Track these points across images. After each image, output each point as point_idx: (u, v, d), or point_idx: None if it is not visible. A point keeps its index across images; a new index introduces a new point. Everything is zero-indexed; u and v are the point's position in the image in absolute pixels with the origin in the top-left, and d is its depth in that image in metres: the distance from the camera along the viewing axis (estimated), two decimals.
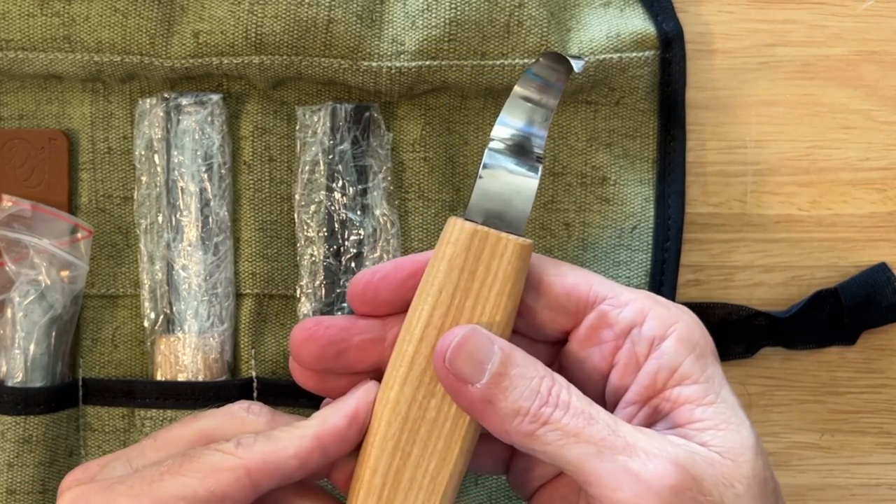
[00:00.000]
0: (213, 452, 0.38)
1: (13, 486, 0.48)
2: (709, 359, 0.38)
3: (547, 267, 0.40)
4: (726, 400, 0.38)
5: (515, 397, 0.36)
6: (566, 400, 0.36)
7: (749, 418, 0.38)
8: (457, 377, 0.37)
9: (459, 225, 0.39)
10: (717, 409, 0.37)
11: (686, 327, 0.39)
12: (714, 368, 0.38)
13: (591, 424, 0.36)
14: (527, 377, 0.37)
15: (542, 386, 0.37)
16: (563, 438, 0.36)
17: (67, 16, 0.48)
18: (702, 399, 0.37)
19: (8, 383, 0.49)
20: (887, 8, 0.53)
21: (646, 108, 0.52)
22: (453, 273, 0.38)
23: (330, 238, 0.50)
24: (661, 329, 0.38)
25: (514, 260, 0.38)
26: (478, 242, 0.38)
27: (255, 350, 0.51)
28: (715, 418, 0.37)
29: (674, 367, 0.38)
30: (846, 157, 0.54)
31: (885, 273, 0.53)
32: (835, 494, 0.55)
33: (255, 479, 0.38)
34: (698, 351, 0.38)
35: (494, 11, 0.49)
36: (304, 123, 0.51)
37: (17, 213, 0.49)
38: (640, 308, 0.39)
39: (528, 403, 0.36)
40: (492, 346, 0.37)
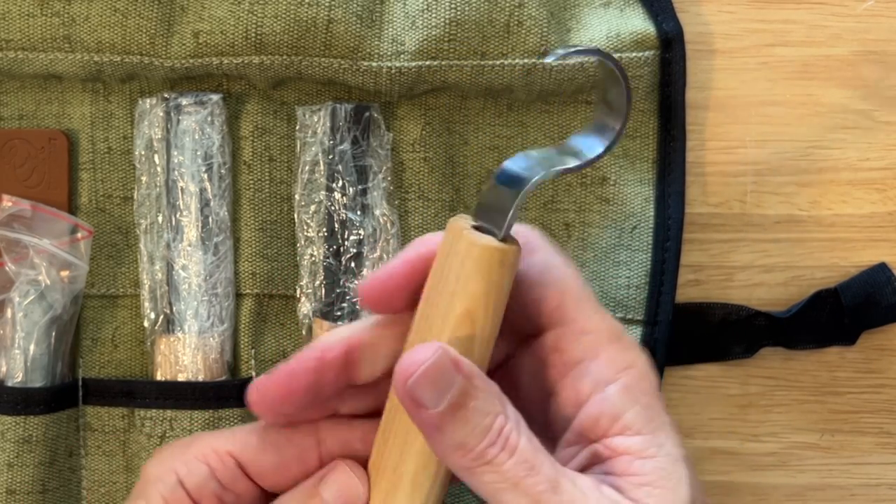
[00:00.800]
0: None
1: (13, 486, 0.48)
2: (656, 409, 0.37)
3: (532, 269, 0.38)
4: (669, 454, 0.36)
5: (466, 432, 0.35)
6: (514, 443, 0.35)
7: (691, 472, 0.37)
8: (413, 400, 0.35)
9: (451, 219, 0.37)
10: (657, 464, 0.36)
11: (638, 374, 0.37)
12: (660, 420, 0.37)
13: (531, 475, 0.35)
14: (482, 412, 0.35)
15: (494, 424, 0.35)
16: (500, 482, 0.35)
17: (67, 16, 0.48)
18: (642, 452, 0.36)
19: (8, 383, 0.49)
20: (887, 8, 0.53)
21: (646, 108, 0.52)
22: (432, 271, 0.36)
23: (330, 238, 0.50)
24: (609, 372, 0.37)
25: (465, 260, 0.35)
26: (449, 237, 0.36)
27: (255, 350, 0.51)
28: (652, 474, 0.36)
29: (617, 415, 0.36)
30: (846, 157, 0.54)
31: (885, 273, 0.53)
32: (835, 494, 0.55)
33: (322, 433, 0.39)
34: (646, 400, 0.36)
35: (494, 11, 0.49)
36: (304, 123, 0.51)
37: (17, 213, 0.49)
38: (596, 344, 0.37)
39: (475, 441, 0.35)
40: (454, 375, 0.35)
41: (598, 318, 0.38)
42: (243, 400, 0.50)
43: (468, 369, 0.35)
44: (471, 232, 0.36)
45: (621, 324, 0.38)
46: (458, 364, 0.35)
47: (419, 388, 0.35)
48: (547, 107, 0.52)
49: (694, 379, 0.54)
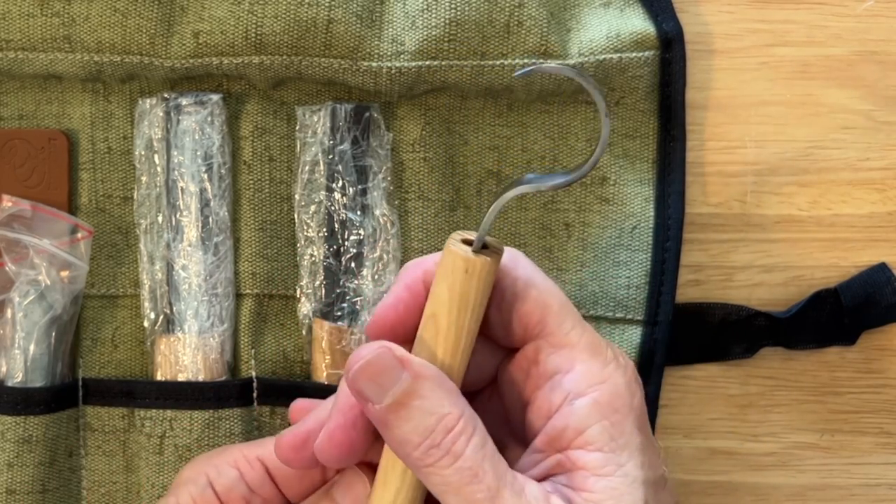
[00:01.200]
0: None
1: (13, 486, 0.48)
2: (626, 427, 0.37)
3: (516, 283, 0.39)
4: (627, 475, 0.36)
5: (408, 430, 0.36)
6: (459, 450, 0.36)
7: (653, 495, 0.37)
8: (358, 394, 0.36)
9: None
10: (610, 483, 0.36)
11: (610, 391, 0.37)
12: (629, 438, 0.37)
13: (472, 483, 0.35)
14: (427, 412, 0.36)
15: (438, 426, 0.36)
16: (443, 485, 0.35)
17: (67, 16, 0.48)
18: (599, 469, 0.36)
19: (8, 383, 0.49)
20: (887, 8, 0.53)
21: (646, 109, 0.52)
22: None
23: (330, 238, 0.50)
24: (581, 385, 0.37)
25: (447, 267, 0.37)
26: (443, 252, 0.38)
27: (255, 350, 0.51)
28: (603, 493, 0.36)
29: (580, 429, 0.37)
30: (846, 157, 0.54)
31: (885, 273, 0.53)
32: (835, 494, 0.55)
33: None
34: (615, 418, 0.37)
35: (494, 11, 0.49)
36: (304, 123, 0.51)
37: (17, 213, 0.49)
38: (572, 357, 0.38)
39: (418, 440, 0.36)
40: (399, 372, 0.36)
41: (578, 332, 0.38)
42: (243, 400, 0.50)
43: (417, 369, 0.36)
44: (451, 242, 0.37)
45: (604, 339, 0.39)
46: (405, 362, 0.36)
47: (358, 381, 0.36)
48: (547, 107, 0.52)
49: (694, 379, 0.54)
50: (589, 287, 0.52)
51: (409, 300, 0.39)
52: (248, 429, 0.50)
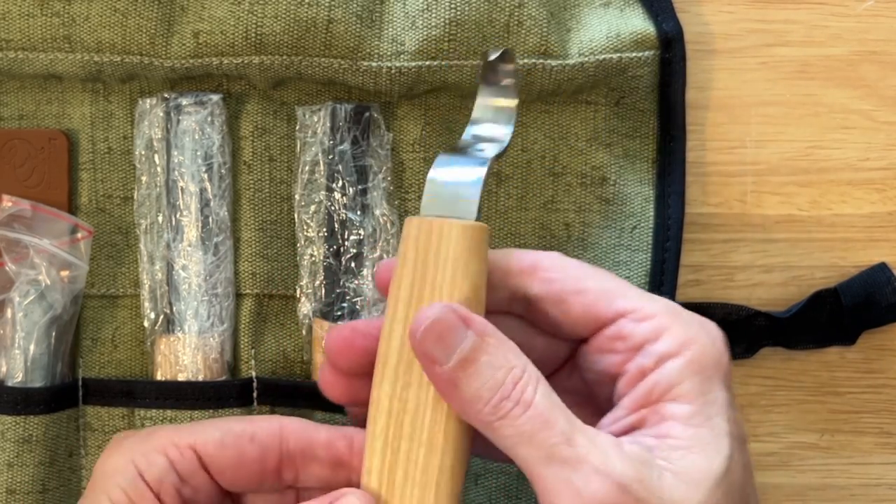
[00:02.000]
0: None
1: (13, 485, 0.48)
2: (714, 384, 0.38)
3: (568, 284, 0.40)
4: (715, 427, 0.37)
5: (478, 385, 0.36)
6: (529, 398, 0.36)
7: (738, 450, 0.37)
8: (425, 356, 0.37)
9: (407, 220, 0.39)
10: (699, 433, 0.37)
11: (700, 350, 0.38)
12: (718, 394, 0.38)
13: (545, 429, 0.36)
14: (494, 367, 0.36)
15: (507, 378, 0.36)
16: (516, 436, 0.36)
17: (67, 16, 0.48)
18: (688, 419, 0.37)
19: (8, 383, 0.49)
20: (887, 8, 0.53)
21: (646, 108, 0.52)
22: (407, 266, 0.38)
23: (330, 238, 0.50)
24: (673, 348, 0.38)
25: (459, 241, 0.38)
26: (424, 234, 0.38)
27: (255, 350, 0.51)
28: (691, 440, 0.37)
29: (672, 384, 0.38)
30: (846, 157, 0.54)
31: (885, 273, 0.53)
32: (835, 494, 0.55)
33: (285, 433, 0.40)
34: (705, 374, 0.38)
35: (494, 11, 0.49)
36: (304, 123, 0.51)
37: (17, 213, 0.49)
38: (658, 325, 0.39)
39: (489, 394, 0.36)
40: (464, 330, 0.37)
41: (650, 301, 0.39)
42: (243, 400, 0.50)
43: (481, 326, 0.37)
44: (452, 220, 0.38)
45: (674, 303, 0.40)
46: (469, 321, 0.37)
47: (425, 343, 0.37)
48: (547, 107, 0.52)
49: None
50: None
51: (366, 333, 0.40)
52: None
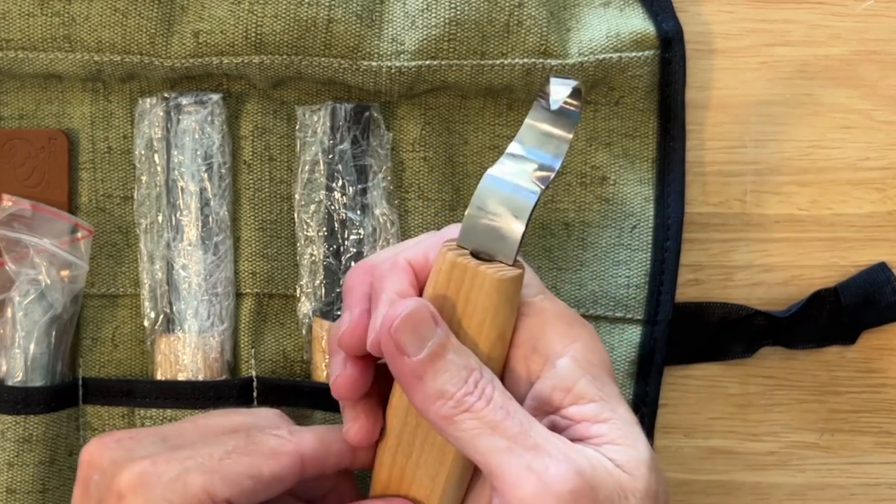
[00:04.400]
0: (273, 436, 0.41)
1: (13, 485, 0.48)
2: (604, 378, 0.39)
3: None
4: (622, 417, 0.38)
5: (444, 380, 0.37)
6: (489, 394, 0.37)
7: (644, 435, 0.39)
8: (397, 346, 0.38)
9: (443, 253, 0.38)
10: (614, 426, 0.38)
11: (584, 347, 0.39)
12: (610, 388, 0.39)
13: (507, 419, 0.37)
14: (459, 364, 0.38)
15: (470, 377, 0.38)
16: (479, 428, 0.37)
17: (67, 15, 0.48)
18: (598, 416, 0.38)
19: (8, 383, 0.49)
20: (887, 8, 0.53)
21: (645, 108, 0.52)
22: (437, 302, 0.39)
23: (330, 237, 0.50)
24: (557, 347, 0.39)
25: (491, 293, 0.38)
26: (457, 274, 0.38)
27: (255, 349, 0.51)
28: (611, 433, 0.38)
29: (569, 387, 0.38)
30: (846, 157, 0.54)
31: (885, 273, 0.53)
32: (835, 494, 0.55)
33: (305, 465, 0.40)
34: (594, 371, 0.39)
35: (494, 11, 0.49)
36: (303, 123, 0.51)
37: (18, 212, 0.49)
38: (541, 323, 0.40)
39: (454, 388, 0.37)
40: (434, 326, 0.38)
41: (540, 300, 0.40)
42: (243, 399, 0.50)
43: (446, 327, 0.38)
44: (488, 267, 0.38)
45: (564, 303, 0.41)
46: (437, 319, 0.38)
47: (399, 332, 0.37)
48: None
49: (694, 378, 0.54)
50: (589, 286, 0.52)
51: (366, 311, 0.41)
52: None
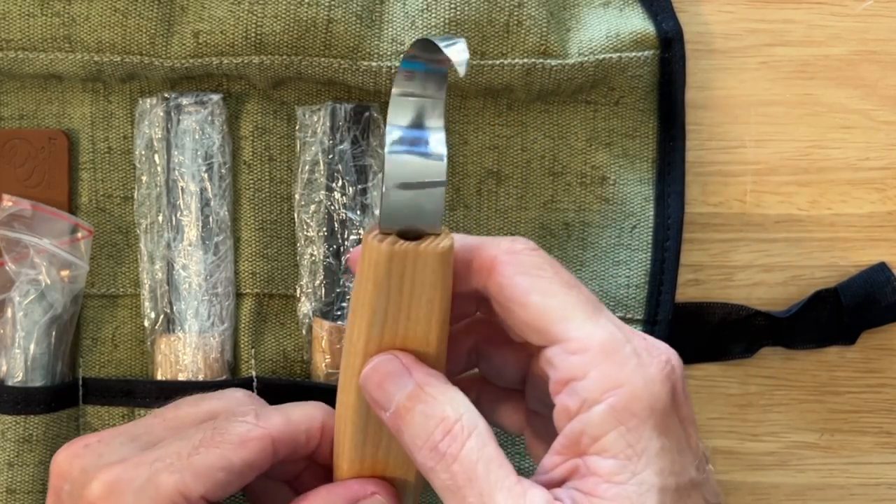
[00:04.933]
0: (239, 423, 0.40)
1: (13, 485, 0.48)
2: (644, 433, 0.35)
3: (514, 293, 0.38)
4: (642, 483, 0.35)
5: (413, 434, 0.37)
6: (454, 452, 0.36)
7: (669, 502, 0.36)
8: (372, 401, 0.38)
9: (376, 246, 0.37)
10: (622, 491, 0.35)
11: (628, 395, 0.36)
12: (648, 444, 0.35)
13: (466, 485, 0.36)
14: (428, 416, 0.37)
15: (437, 429, 0.36)
16: (442, 489, 0.37)
17: (67, 16, 0.48)
18: (613, 476, 0.35)
19: (8, 383, 0.49)
20: (887, 8, 0.53)
21: (645, 108, 0.52)
22: (381, 294, 0.37)
23: (330, 238, 0.50)
24: (597, 392, 0.36)
25: (437, 268, 0.37)
26: (398, 262, 0.37)
27: (255, 350, 0.51)
28: (615, 501, 0.35)
29: (596, 436, 0.36)
30: (846, 157, 0.54)
31: (885, 273, 0.53)
32: (835, 494, 0.55)
33: (277, 448, 0.40)
34: (632, 423, 0.35)
35: (494, 11, 0.49)
36: (303, 123, 0.51)
37: (18, 212, 0.49)
38: (586, 362, 0.36)
39: (420, 443, 0.37)
40: (406, 378, 0.37)
41: (588, 333, 0.37)
42: None
43: (422, 377, 0.37)
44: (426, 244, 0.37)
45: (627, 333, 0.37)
46: (412, 369, 0.37)
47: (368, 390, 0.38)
48: (546, 106, 0.52)
49: (694, 378, 0.54)
50: (589, 286, 0.51)
51: None
52: None
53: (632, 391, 0.36)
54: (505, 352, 0.42)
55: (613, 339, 0.37)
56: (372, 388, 0.38)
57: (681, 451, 0.36)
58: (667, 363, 0.37)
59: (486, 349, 0.43)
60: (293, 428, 0.40)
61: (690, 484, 0.36)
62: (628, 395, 0.36)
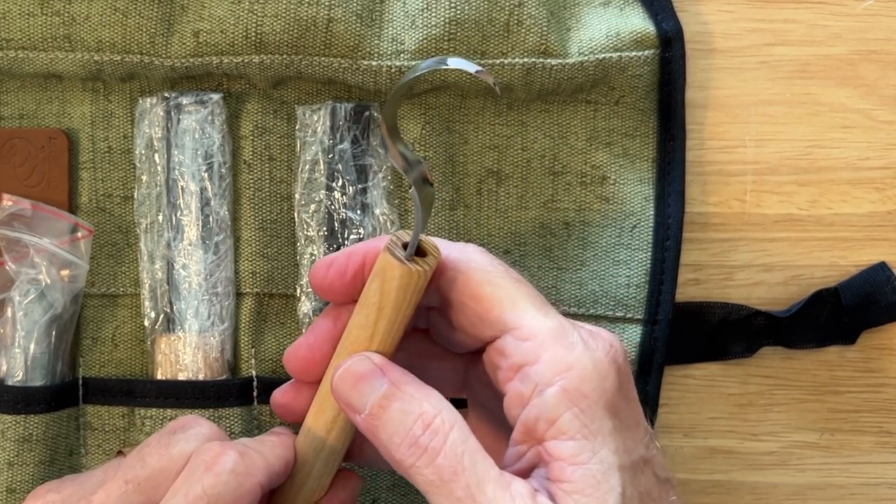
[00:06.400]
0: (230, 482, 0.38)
1: (13, 484, 0.48)
2: (596, 413, 0.36)
3: (469, 284, 0.39)
4: (603, 461, 0.36)
5: (391, 432, 0.37)
6: (437, 446, 0.36)
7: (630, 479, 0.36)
8: (345, 404, 0.38)
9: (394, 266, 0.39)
10: (588, 471, 0.36)
11: (578, 377, 0.37)
12: (601, 424, 0.36)
13: (452, 480, 0.36)
14: (406, 413, 0.37)
15: (416, 425, 0.37)
16: (427, 485, 0.36)
17: (68, 15, 0.48)
18: (574, 457, 0.36)
19: (8, 382, 0.49)
20: (887, 7, 0.53)
21: (645, 108, 0.52)
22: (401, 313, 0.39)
23: (330, 237, 0.50)
24: (549, 374, 0.37)
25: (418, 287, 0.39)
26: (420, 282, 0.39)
27: (255, 349, 0.51)
28: (581, 481, 0.36)
29: (552, 418, 0.36)
30: (846, 157, 0.54)
31: (885, 272, 0.53)
32: (835, 494, 0.55)
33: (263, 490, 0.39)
34: (584, 404, 0.36)
35: (494, 11, 0.49)
36: (304, 122, 0.51)
37: (18, 212, 0.49)
38: (537, 347, 0.38)
39: (399, 440, 0.37)
40: (379, 378, 0.38)
41: (539, 320, 0.38)
42: (243, 399, 0.50)
43: (397, 375, 0.38)
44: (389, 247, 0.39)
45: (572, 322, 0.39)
46: (386, 369, 0.38)
47: (340, 391, 0.38)
48: (547, 106, 0.52)
49: (693, 378, 0.54)
50: (589, 286, 0.52)
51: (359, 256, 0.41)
52: (247, 428, 0.50)
53: (581, 373, 0.37)
54: (441, 363, 0.43)
55: (562, 327, 0.38)
56: (345, 390, 0.38)
57: (630, 429, 0.38)
58: (611, 347, 0.38)
59: (420, 363, 0.43)
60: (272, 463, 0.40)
61: (642, 461, 0.38)
62: (579, 377, 0.37)
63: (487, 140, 0.52)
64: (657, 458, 0.39)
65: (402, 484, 0.52)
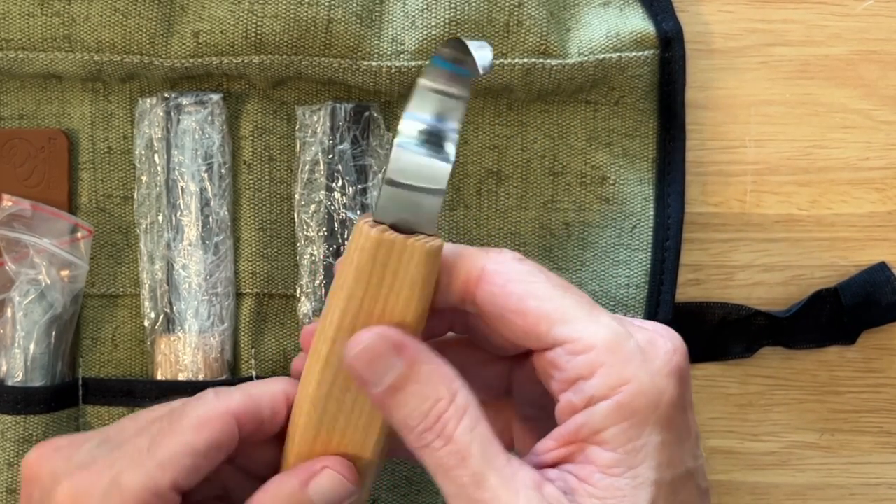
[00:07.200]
0: (198, 404, 0.39)
1: (13, 485, 0.48)
2: (646, 428, 0.36)
3: (509, 301, 0.38)
4: (637, 477, 0.35)
5: (404, 414, 0.37)
6: (450, 432, 0.36)
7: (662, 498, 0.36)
8: (358, 377, 0.37)
9: (366, 231, 0.37)
10: (617, 483, 0.35)
11: (634, 392, 0.36)
12: (649, 439, 0.36)
13: (459, 466, 0.36)
14: (421, 396, 0.36)
15: (432, 410, 0.36)
16: (435, 468, 0.36)
17: (67, 15, 0.48)
18: (608, 468, 0.36)
19: (8, 383, 0.49)
20: (887, 8, 0.53)
21: (645, 108, 0.52)
22: (361, 281, 0.37)
23: (330, 238, 0.50)
24: (604, 389, 0.36)
25: (420, 265, 0.37)
26: (384, 251, 0.37)
27: (255, 349, 0.51)
28: (607, 491, 0.35)
29: (597, 429, 0.36)
30: (846, 157, 0.54)
31: (885, 272, 0.53)
32: (835, 494, 0.55)
33: (241, 423, 0.39)
34: (635, 420, 0.36)
35: (494, 11, 0.49)
36: (303, 123, 0.51)
37: (18, 212, 0.49)
38: (592, 361, 0.36)
39: (414, 423, 0.36)
40: (394, 357, 0.37)
41: (591, 329, 0.37)
42: None
43: (413, 354, 0.37)
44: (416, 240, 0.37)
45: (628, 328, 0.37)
46: (402, 348, 0.37)
47: (357, 367, 0.37)
48: (546, 106, 0.52)
49: (694, 378, 0.54)
50: (589, 286, 0.52)
51: None
52: None
53: (638, 388, 0.36)
54: (482, 368, 0.42)
55: (617, 336, 0.37)
56: (361, 366, 0.37)
57: (681, 441, 0.37)
58: (673, 353, 0.37)
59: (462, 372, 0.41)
60: (255, 402, 0.39)
61: (686, 474, 0.37)
62: (634, 391, 0.36)
63: (487, 140, 0.52)
64: (701, 468, 0.38)
65: (402, 484, 0.52)
